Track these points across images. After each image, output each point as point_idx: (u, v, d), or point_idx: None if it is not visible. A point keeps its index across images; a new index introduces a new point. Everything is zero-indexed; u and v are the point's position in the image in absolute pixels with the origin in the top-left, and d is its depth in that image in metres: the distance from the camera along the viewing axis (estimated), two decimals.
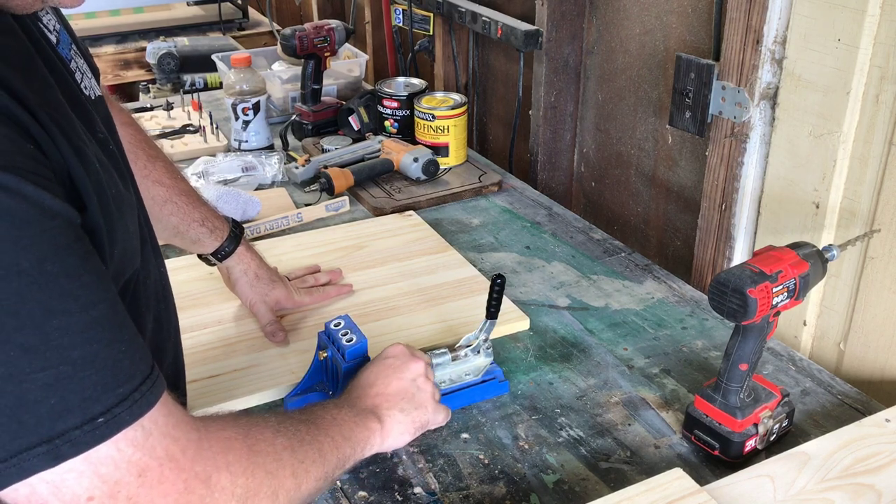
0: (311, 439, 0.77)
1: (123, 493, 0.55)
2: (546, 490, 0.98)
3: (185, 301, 1.29)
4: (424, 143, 1.81)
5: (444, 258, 1.46)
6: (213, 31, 3.11)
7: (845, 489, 0.88)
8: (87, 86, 0.74)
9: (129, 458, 0.55)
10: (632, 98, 1.69)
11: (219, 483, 0.61)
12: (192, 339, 1.21)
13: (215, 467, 0.61)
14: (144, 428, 0.56)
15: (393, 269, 1.42)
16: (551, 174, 1.90)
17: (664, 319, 1.31)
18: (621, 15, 1.66)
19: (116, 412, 0.53)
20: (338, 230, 1.57)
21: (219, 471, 0.61)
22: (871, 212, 1.16)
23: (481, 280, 1.38)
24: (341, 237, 1.54)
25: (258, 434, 0.69)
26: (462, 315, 1.29)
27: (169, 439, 0.58)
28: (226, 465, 0.62)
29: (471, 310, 1.30)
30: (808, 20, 1.18)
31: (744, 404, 1.00)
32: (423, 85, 1.93)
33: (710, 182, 1.41)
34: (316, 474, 0.74)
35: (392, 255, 1.47)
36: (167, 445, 0.57)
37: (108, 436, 0.53)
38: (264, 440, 0.69)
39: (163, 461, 0.57)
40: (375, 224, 1.59)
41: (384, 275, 1.41)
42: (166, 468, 0.57)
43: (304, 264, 1.41)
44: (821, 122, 1.20)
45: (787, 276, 0.95)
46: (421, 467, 1.01)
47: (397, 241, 1.52)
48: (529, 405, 1.12)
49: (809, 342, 1.31)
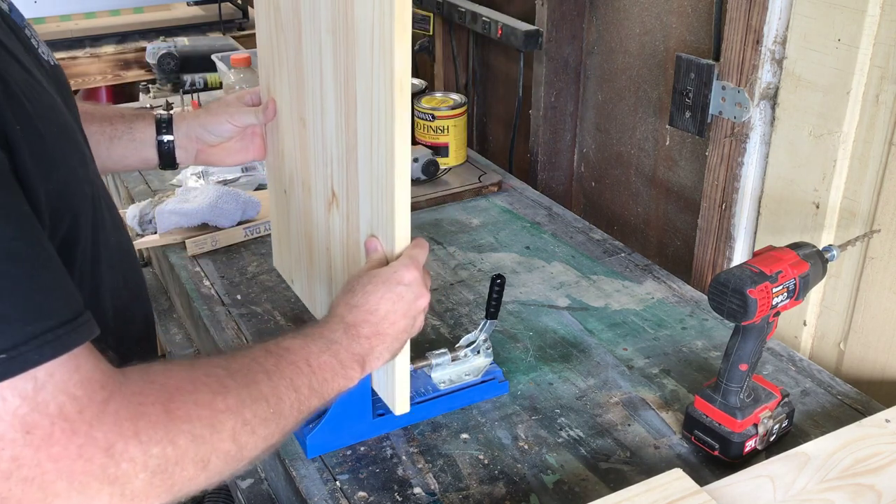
0: (270, 393, 0.68)
1: (7, 450, 0.49)
2: (546, 490, 0.98)
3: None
4: (424, 143, 1.81)
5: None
6: (213, 31, 3.11)
7: (845, 489, 0.88)
8: (44, 51, 0.80)
9: (14, 410, 0.49)
10: (632, 98, 1.69)
11: (125, 452, 0.54)
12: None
13: (120, 435, 0.54)
14: (37, 379, 0.50)
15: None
16: (551, 174, 1.90)
17: (664, 320, 1.31)
18: (621, 15, 1.66)
19: (12, 354, 0.48)
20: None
21: (125, 439, 0.55)
22: (871, 212, 1.16)
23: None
24: None
25: (191, 394, 0.61)
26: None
27: (65, 396, 0.51)
28: (134, 434, 0.55)
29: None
30: (808, 20, 1.18)
31: (744, 405, 1.00)
32: (423, 85, 1.93)
33: (710, 182, 1.41)
34: (267, 433, 0.66)
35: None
36: (62, 403, 0.51)
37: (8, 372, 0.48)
38: (197, 402, 0.61)
39: (55, 420, 0.51)
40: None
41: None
42: (57, 428, 0.51)
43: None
44: (821, 122, 1.20)
45: (787, 277, 0.95)
46: (421, 468, 1.01)
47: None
48: (529, 405, 1.12)
49: (809, 342, 1.31)
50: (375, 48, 0.81)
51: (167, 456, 0.57)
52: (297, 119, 1.07)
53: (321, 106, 0.99)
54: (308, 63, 1.00)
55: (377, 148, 0.86)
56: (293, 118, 1.08)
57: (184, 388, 0.61)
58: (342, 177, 0.97)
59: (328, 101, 0.97)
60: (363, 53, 0.85)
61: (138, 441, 0.55)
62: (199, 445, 0.60)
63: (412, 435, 1.06)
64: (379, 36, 0.80)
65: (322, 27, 0.94)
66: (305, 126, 1.04)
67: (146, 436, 0.56)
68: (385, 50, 0.79)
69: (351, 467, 1.02)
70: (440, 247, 1.53)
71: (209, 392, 0.63)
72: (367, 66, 0.84)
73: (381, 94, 0.83)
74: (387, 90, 0.80)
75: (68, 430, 0.51)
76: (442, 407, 1.10)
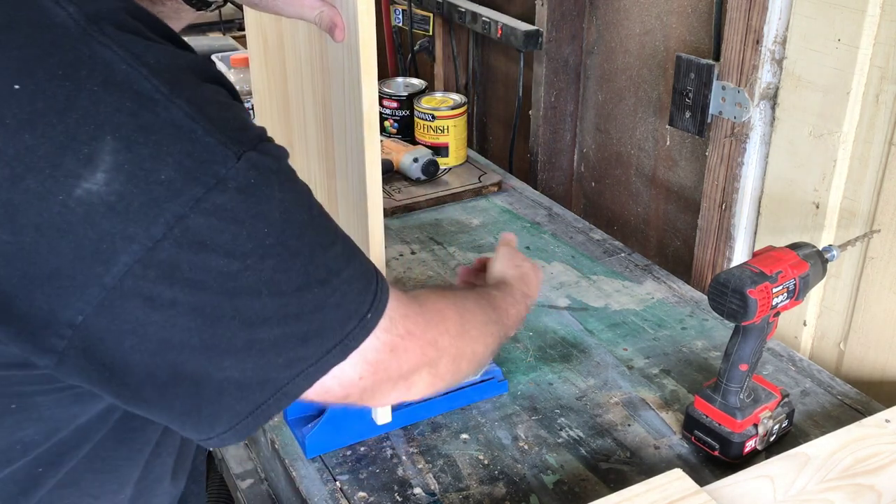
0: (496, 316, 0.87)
1: (382, 367, 0.66)
2: (546, 491, 0.98)
3: None
4: (424, 144, 1.81)
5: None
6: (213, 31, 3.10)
7: (845, 490, 0.88)
8: None
9: (384, 341, 0.66)
10: (632, 98, 1.69)
11: (442, 345, 0.73)
12: None
13: (438, 332, 0.73)
14: (390, 316, 0.66)
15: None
16: (551, 174, 1.90)
17: (664, 320, 1.31)
18: (621, 15, 1.66)
19: (373, 309, 0.64)
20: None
21: (441, 335, 0.73)
22: (871, 212, 1.16)
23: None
24: None
25: (464, 304, 0.82)
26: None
27: (406, 319, 0.68)
28: (445, 330, 0.74)
29: None
30: (808, 20, 1.18)
31: (744, 405, 1.00)
32: (422, 85, 1.93)
33: (710, 182, 1.41)
34: (495, 342, 0.85)
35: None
36: (405, 324, 0.68)
37: (372, 328, 0.64)
38: (468, 310, 0.81)
39: (404, 336, 0.68)
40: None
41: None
42: (407, 341, 0.68)
43: None
44: (821, 122, 1.20)
45: (787, 277, 0.95)
46: (420, 468, 1.01)
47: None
48: (529, 405, 1.12)
49: (809, 342, 1.31)
50: (346, 87, 0.83)
51: (459, 347, 0.76)
52: (286, 144, 1.08)
53: (304, 133, 1.01)
54: (293, 92, 1.02)
55: (351, 177, 0.90)
56: (282, 143, 1.10)
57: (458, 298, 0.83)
58: (322, 199, 0.99)
59: (310, 128, 0.99)
60: (336, 89, 0.87)
61: (448, 335, 0.74)
62: (472, 343, 0.79)
63: (412, 435, 1.06)
64: (348, 77, 0.82)
65: (302, 57, 0.95)
66: (293, 150, 1.06)
67: (451, 331, 0.75)
68: (354, 90, 0.82)
69: (351, 467, 1.02)
70: (440, 247, 1.53)
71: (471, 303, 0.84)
72: (340, 102, 0.87)
73: (352, 131, 0.86)
74: (357, 127, 0.84)
75: (413, 340, 0.69)
76: (441, 406, 1.10)
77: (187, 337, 0.54)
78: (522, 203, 1.70)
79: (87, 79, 0.50)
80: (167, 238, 0.51)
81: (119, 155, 0.50)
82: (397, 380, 0.69)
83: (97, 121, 0.49)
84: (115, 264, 0.50)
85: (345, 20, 0.84)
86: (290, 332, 0.58)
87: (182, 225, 0.51)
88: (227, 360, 0.56)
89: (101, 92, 0.50)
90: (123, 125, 0.50)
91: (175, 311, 0.53)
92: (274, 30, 1.03)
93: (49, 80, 0.49)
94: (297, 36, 0.95)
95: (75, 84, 0.50)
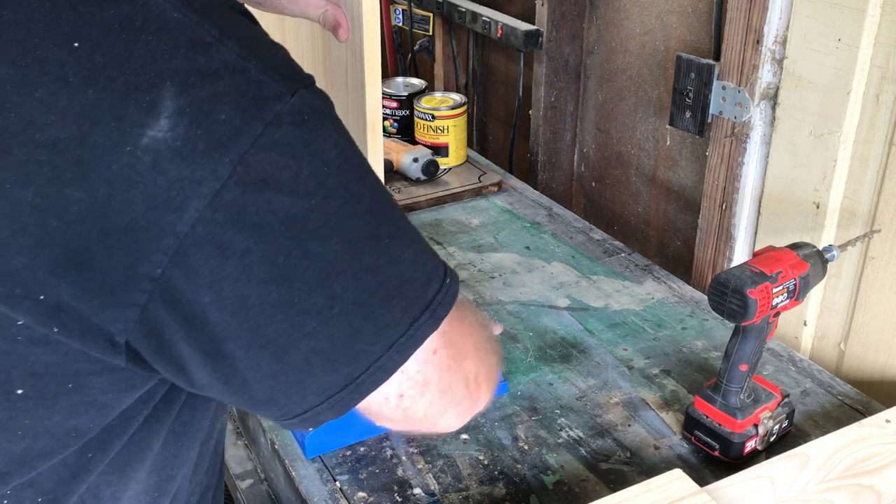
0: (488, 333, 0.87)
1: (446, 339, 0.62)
2: (546, 491, 0.98)
3: None
4: (424, 144, 1.81)
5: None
6: None
7: (845, 490, 0.88)
8: None
9: (432, 349, 0.62)
10: (632, 98, 1.69)
11: (469, 367, 0.69)
12: None
13: (469, 358, 0.69)
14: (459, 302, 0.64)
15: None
16: (551, 174, 1.90)
17: (664, 320, 1.31)
18: (621, 15, 1.66)
19: (449, 273, 0.62)
20: None
21: (469, 360, 0.69)
22: (872, 212, 1.16)
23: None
24: None
25: (482, 327, 0.77)
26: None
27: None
28: (475, 353, 0.70)
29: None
30: (808, 20, 1.18)
31: (744, 405, 1.00)
32: (422, 85, 1.93)
33: (710, 182, 1.41)
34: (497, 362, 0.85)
35: None
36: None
37: (450, 304, 0.61)
38: (487, 337, 0.77)
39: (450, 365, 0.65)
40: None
41: None
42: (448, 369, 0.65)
43: None
44: (821, 122, 1.19)
45: (787, 277, 0.94)
46: (420, 468, 1.01)
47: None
48: (529, 406, 1.12)
49: (809, 342, 1.31)
50: (349, 88, 0.82)
51: (484, 370, 0.71)
52: None
53: None
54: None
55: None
56: None
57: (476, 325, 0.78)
58: None
59: None
60: (340, 90, 0.86)
61: (477, 359, 0.70)
62: (490, 365, 0.74)
63: (412, 435, 1.06)
64: (352, 78, 0.81)
65: (305, 57, 0.95)
66: None
67: (477, 356, 0.70)
68: (357, 91, 0.80)
69: (351, 468, 1.02)
70: (440, 247, 1.53)
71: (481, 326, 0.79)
72: (343, 103, 0.85)
73: (354, 132, 0.85)
74: (360, 130, 0.82)
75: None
76: None
77: (266, 293, 0.53)
78: (522, 203, 1.70)
79: (141, 29, 0.50)
80: (232, 177, 0.50)
81: (179, 99, 0.50)
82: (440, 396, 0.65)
83: (156, 68, 0.50)
84: (186, 210, 0.50)
85: (348, 20, 0.84)
86: (368, 288, 0.55)
87: (245, 163, 0.51)
88: (309, 322, 0.54)
89: (157, 40, 0.50)
90: (181, 70, 0.50)
91: (248, 260, 0.52)
92: (277, 30, 1.03)
93: (106, 35, 0.50)
94: (300, 36, 0.95)
95: (131, 35, 0.50)
